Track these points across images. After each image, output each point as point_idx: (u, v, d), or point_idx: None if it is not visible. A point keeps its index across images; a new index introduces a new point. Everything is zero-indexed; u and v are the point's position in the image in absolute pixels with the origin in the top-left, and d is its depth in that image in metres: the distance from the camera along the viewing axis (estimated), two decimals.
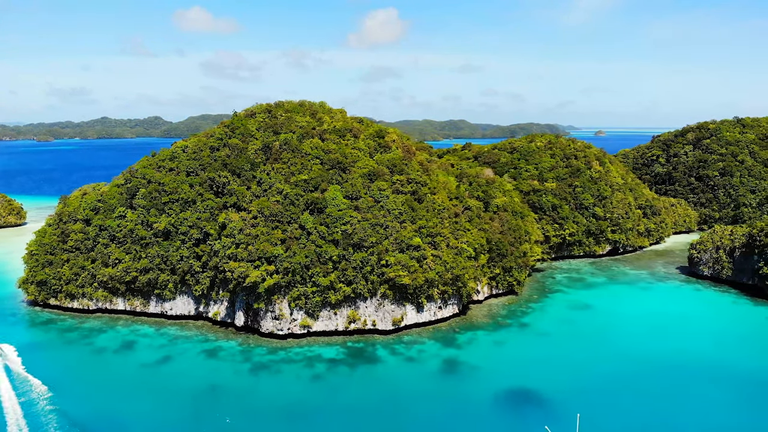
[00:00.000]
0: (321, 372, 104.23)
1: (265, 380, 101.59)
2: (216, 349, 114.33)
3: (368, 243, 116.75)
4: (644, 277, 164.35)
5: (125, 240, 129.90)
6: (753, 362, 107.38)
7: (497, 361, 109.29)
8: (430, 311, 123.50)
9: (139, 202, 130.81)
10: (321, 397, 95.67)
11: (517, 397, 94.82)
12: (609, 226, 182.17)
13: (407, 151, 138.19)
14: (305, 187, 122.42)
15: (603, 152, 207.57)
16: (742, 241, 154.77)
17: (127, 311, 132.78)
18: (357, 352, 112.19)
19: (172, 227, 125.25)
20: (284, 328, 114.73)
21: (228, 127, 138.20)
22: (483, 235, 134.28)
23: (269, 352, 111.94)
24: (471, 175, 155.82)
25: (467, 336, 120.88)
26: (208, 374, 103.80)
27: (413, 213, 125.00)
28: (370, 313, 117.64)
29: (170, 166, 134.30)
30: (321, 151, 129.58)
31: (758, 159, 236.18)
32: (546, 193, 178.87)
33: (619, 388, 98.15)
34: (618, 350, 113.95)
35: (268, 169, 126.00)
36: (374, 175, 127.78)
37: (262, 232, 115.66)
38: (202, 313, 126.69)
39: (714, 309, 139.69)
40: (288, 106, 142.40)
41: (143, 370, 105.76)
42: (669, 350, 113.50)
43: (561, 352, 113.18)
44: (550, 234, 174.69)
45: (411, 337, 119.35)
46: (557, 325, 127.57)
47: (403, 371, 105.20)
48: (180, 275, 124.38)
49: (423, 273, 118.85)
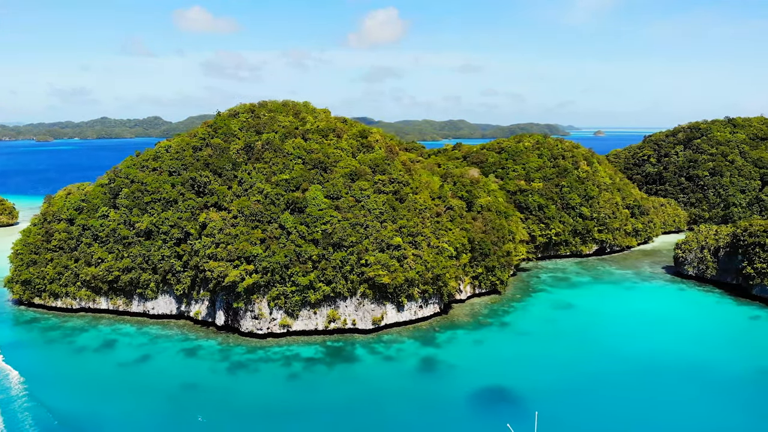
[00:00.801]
0: (298, 371, 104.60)
1: (242, 379, 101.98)
2: (195, 348, 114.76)
3: (348, 242, 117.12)
4: (629, 276, 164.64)
5: (108, 239, 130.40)
6: (732, 362, 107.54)
7: (475, 360, 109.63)
8: (411, 310, 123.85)
9: (122, 202, 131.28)
10: (296, 395, 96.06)
11: (490, 395, 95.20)
12: (595, 226, 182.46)
13: (390, 151, 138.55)
14: (286, 187, 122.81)
15: (591, 152, 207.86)
16: (726, 240, 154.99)
17: (109, 310, 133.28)
18: (336, 351, 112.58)
19: (153, 227, 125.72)
20: (263, 328, 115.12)
21: (211, 127, 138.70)
22: (465, 234, 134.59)
23: (248, 351, 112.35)
24: (456, 175, 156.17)
25: (447, 335, 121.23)
26: (186, 373, 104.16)
27: (394, 213, 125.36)
28: (349, 313, 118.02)
29: (153, 166, 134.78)
30: (303, 150, 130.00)
31: (748, 159, 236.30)
32: (532, 193, 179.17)
33: (594, 387, 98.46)
34: (597, 349, 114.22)
35: (249, 168, 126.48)
36: (356, 175, 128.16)
37: (242, 231, 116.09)
38: (183, 313, 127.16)
39: (697, 309, 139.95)
40: (271, 106, 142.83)
41: (121, 369, 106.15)
42: (648, 350, 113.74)
43: (539, 351, 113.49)
44: (536, 234, 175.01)
45: (391, 336, 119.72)
46: (538, 324, 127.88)
47: (380, 370, 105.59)
48: (161, 275, 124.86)
49: (403, 272, 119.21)
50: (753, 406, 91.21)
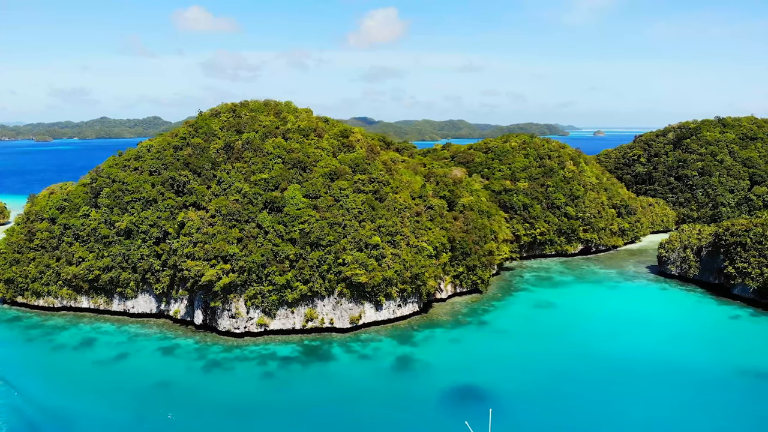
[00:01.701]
0: (272, 370, 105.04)
1: (217, 377, 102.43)
2: (173, 347, 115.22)
3: (325, 242, 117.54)
4: (612, 276, 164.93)
5: (89, 239, 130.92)
6: (707, 361, 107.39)
7: (450, 358, 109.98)
8: (389, 309, 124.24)
9: (103, 201, 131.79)
10: (268, 394, 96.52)
11: (460, 393, 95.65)
12: (581, 226, 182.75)
13: (371, 151, 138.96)
14: (265, 186, 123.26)
15: (578, 152, 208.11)
16: (708, 240, 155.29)
17: (91, 309, 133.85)
18: (312, 350, 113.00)
19: (133, 226, 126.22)
20: (241, 327, 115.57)
21: (192, 127, 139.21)
22: (444, 234, 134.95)
23: (225, 350, 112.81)
24: (438, 174, 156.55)
25: (425, 333, 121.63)
26: (161, 371, 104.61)
27: (373, 212, 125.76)
28: (327, 312, 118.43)
29: (135, 166, 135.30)
30: (283, 150, 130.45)
31: (737, 159, 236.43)
32: (517, 192, 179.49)
33: (564, 385, 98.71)
34: (572, 348, 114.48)
35: (228, 168, 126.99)
36: (335, 175, 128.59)
37: (219, 231, 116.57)
38: (163, 312, 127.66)
39: (677, 308, 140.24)
40: (253, 106, 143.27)
41: (97, 367, 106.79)
42: (623, 349, 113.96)
43: (515, 350, 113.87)
44: (520, 233, 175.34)
45: (369, 335, 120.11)
46: (516, 323, 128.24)
47: (355, 368, 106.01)
48: (141, 274, 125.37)
49: (381, 271, 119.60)
50: (725, 407, 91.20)
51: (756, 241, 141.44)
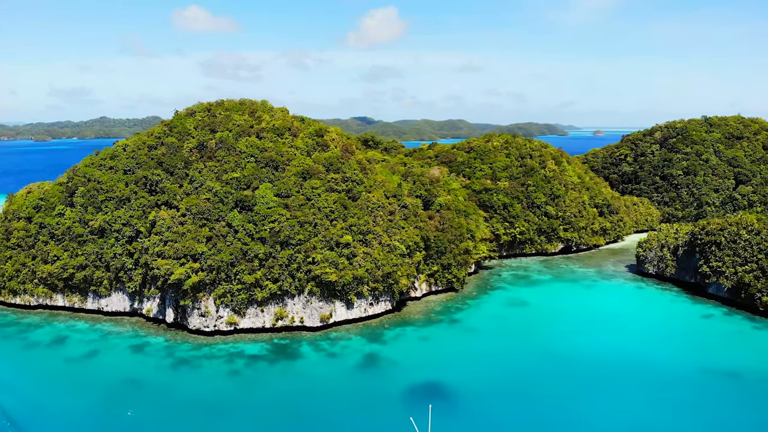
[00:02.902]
0: (239, 367, 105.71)
1: (183, 375, 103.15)
2: (143, 344, 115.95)
3: (295, 240, 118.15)
4: (590, 275, 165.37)
5: (63, 237, 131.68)
6: (675, 360, 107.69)
7: (417, 356, 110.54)
8: (361, 308, 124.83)
9: (78, 200, 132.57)
10: (233, 391, 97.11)
11: (422, 390, 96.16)
12: (561, 225, 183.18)
13: (346, 150, 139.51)
14: (236, 185, 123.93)
15: (560, 152, 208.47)
16: (685, 239, 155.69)
17: (66, 307, 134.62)
18: (281, 348, 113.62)
19: (107, 225, 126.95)
20: (210, 325, 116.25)
21: (167, 126, 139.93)
22: (418, 232, 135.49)
23: (194, 348, 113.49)
24: (416, 174, 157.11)
25: (395, 332, 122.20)
26: (129, 369, 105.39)
27: (345, 211, 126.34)
28: (297, 310, 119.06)
29: (110, 165, 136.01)
30: (256, 149, 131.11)
31: (723, 158, 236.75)
32: (497, 192, 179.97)
33: (527, 382, 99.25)
34: (540, 346, 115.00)
35: (200, 167, 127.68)
36: (308, 174, 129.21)
37: (189, 229, 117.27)
38: (136, 310, 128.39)
39: (651, 307, 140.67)
40: (228, 105, 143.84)
41: (68, 364, 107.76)
42: (593, 346, 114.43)
43: (482, 348, 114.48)
44: (500, 232, 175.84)
45: (339, 333, 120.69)
46: (488, 322, 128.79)
47: (321, 366, 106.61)
48: (114, 272, 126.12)
49: (352, 270, 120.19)
50: (684, 405, 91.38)
51: (730, 240, 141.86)
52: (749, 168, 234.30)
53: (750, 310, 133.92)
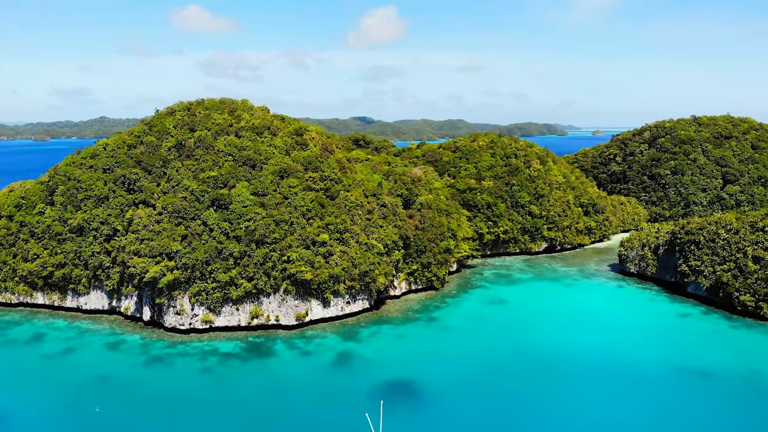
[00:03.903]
0: (212, 365, 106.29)
1: (155, 372, 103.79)
2: (119, 342, 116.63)
3: (270, 239, 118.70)
4: (572, 274, 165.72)
5: (43, 236, 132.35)
6: (647, 358, 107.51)
7: (390, 354, 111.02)
8: (337, 306, 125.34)
9: (58, 199, 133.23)
10: (203, 388, 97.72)
11: (393, 388, 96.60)
12: (545, 224, 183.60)
13: (325, 149, 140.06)
14: (213, 184, 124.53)
15: (546, 151, 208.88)
16: (666, 239, 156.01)
17: (46, 305, 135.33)
18: (255, 346, 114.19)
19: (85, 223, 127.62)
20: (186, 323, 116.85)
21: (147, 125, 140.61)
22: (397, 231, 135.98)
23: (168, 345, 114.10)
24: (398, 173, 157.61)
25: (371, 330, 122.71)
26: (103, 366, 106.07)
27: (322, 210, 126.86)
28: (273, 309, 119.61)
29: (90, 164, 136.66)
30: (234, 148, 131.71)
31: (711, 158, 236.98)
32: (481, 191, 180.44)
33: (498, 380, 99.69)
34: (515, 344, 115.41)
35: (178, 165, 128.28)
36: (286, 173, 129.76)
37: (165, 228, 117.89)
38: (114, 308, 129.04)
39: (629, 305, 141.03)
40: (208, 104, 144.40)
41: (43, 361, 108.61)
42: (567, 345, 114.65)
43: (457, 345, 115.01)
44: (483, 231, 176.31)
45: (315, 331, 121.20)
46: (465, 320, 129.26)
47: (294, 364, 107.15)
48: (92, 270, 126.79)
49: (328, 269, 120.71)
50: (654, 403, 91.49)
51: (709, 239, 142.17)
52: (737, 167, 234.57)
53: (728, 309, 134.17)
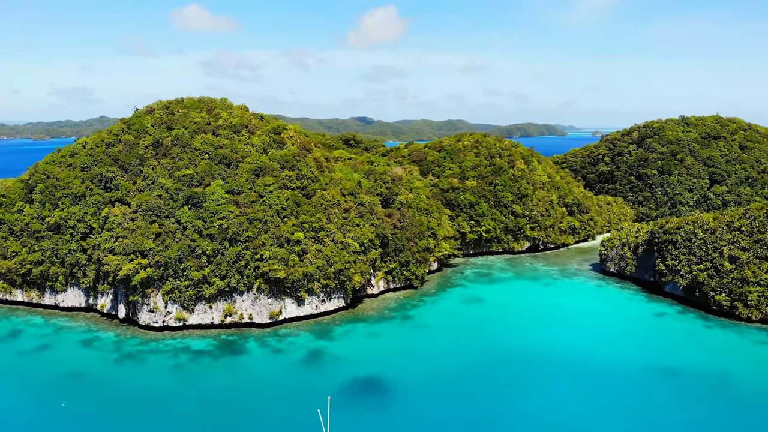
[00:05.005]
0: (183, 362, 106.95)
1: (126, 369, 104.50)
2: (93, 339, 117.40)
3: (243, 237, 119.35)
4: (553, 273, 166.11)
5: (22, 233, 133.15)
6: (618, 357, 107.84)
7: (362, 352, 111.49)
8: (312, 305, 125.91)
9: (37, 197, 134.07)
10: (172, 385, 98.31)
11: (359, 385, 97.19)
12: (528, 224, 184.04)
13: (303, 148, 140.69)
14: (188, 182, 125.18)
15: (531, 151, 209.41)
16: (645, 238, 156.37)
17: (25, 302, 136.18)
18: (227, 344, 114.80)
19: (62, 221, 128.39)
20: (159, 321, 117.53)
21: (126, 124, 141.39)
22: (374, 230, 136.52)
23: (141, 343, 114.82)
24: (378, 172, 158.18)
25: (346, 328, 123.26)
26: (75, 362, 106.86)
27: (298, 208, 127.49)
28: (246, 307, 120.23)
29: (69, 162, 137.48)
30: (210, 146, 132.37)
31: (698, 158, 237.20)
32: (464, 190, 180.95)
33: (466, 377, 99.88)
34: (488, 342, 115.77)
35: (154, 164, 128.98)
36: (262, 171, 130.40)
37: (139, 226, 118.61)
38: (91, 306, 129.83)
39: (606, 305, 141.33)
40: (187, 102, 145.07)
41: (17, 357, 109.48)
42: (540, 343, 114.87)
43: (429, 343, 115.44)
44: (465, 231, 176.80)
45: (288, 330, 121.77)
46: (440, 318, 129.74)
47: (264, 362, 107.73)
48: (69, 268, 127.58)
49: (302, 267, 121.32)
50: (616, 401, 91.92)
51: (686, 239, 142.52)
52: (724, 168, 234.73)
53: (703, 308, 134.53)
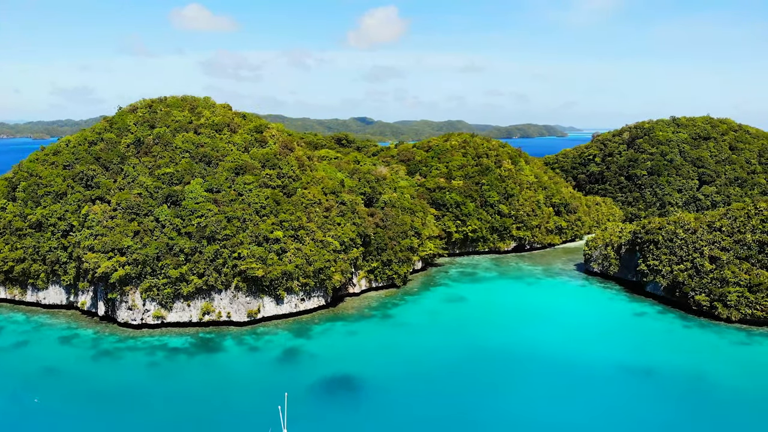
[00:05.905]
0: (159, 360, 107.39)
1: (102, 366, 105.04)
2: (72, 336, 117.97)
3: (221, 236, 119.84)
4: (536, 272, 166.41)
5: (5, 231, 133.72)
6: (595, 356, 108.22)
7: (338, 350, 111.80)
8: (291, 303, 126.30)
9: (20, 195, 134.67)
10: (147, 382, 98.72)
11: (332, 384, 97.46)
12: (514, 224, 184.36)
13: (285, 147, 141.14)
14: (168, 181, 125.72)
15: (518, 151, 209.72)
16: (627, 238, 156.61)
17: (7, 300, 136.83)
18: (204, 342, 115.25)
19: (44, 219, 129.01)
20: (137, 319, 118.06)
21: (108, 122, 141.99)
22: (355, 229, 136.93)
23: (119, 340, 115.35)
24: (362, 171, 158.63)
25: (324, 326, 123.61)
26: (53, 359, 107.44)
27: (277, 206, 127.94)
28: (224, 305, 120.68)
29: (52, 160, 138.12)
30: (191, 144, 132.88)
31: (688, 158, 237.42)
32: (451, 190, 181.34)
33: (442, 375, 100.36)
34: (466, 341, 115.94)
35: (135, 162, 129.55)
36: (242, 170, 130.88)
37: (119, 224, 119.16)
38: (72, 303, 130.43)
39: (587, 304, 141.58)
40: (170, 101, 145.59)
41: None
42: (519, 343, 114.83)
43: (407, 342, 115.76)
44: (451, 230, 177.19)
45: (267, 328, 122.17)
46: (420, 317, 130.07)
47: (240, 360, 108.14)
48: (50, 266, 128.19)
49: (280, 265, 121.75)
50: (591, 400, 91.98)
51: (667, 239, 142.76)
52: (714, 168, 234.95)
53: (683, 308, 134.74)
